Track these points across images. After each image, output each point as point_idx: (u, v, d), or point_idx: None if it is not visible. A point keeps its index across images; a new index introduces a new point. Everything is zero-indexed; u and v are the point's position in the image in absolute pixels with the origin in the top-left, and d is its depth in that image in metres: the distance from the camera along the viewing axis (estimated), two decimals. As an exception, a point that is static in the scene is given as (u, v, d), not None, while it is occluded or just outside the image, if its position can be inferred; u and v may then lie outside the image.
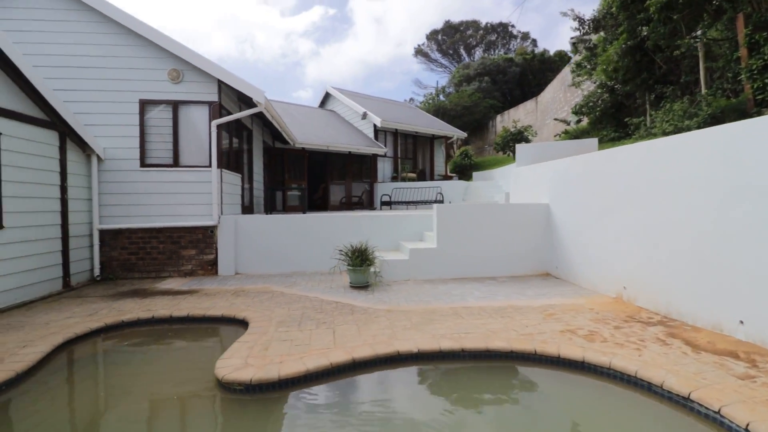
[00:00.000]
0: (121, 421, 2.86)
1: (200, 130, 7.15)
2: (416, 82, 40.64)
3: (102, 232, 6.99)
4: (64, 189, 6.24)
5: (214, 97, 7.12)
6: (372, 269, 6.33)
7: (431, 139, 16.40)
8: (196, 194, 7.12)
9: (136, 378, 3.53)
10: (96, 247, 6.92)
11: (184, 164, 7.15)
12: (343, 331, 4.05)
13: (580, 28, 12.27)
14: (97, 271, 6.93)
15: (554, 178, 6.71)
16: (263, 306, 5.08)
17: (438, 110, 22.60)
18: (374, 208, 13.66)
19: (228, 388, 3.00)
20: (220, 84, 7.14)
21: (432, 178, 16.12)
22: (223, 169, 7.43)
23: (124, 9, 6.76)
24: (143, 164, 7.07)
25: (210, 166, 7.10)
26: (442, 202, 12.32)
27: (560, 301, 5.12)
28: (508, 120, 20.91)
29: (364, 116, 14.70)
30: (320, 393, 3.09)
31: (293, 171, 12.78)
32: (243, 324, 4.50)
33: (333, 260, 6.77)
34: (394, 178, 14.88)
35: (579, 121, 13.57)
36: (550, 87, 18.01)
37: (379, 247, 7.51)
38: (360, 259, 6.02)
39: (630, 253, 4.91)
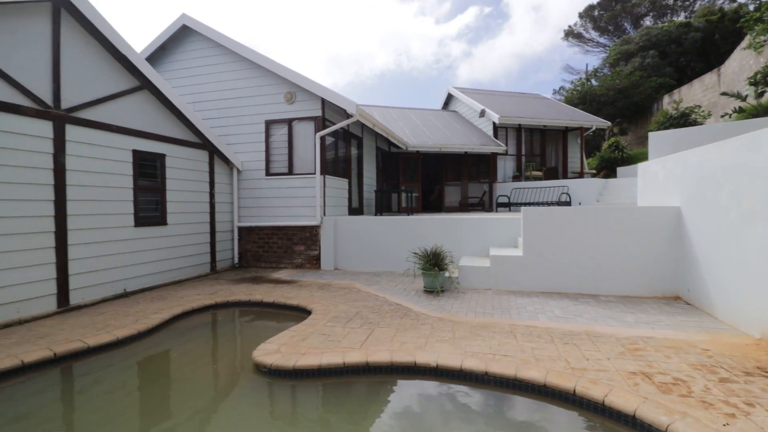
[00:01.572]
0: (185, 368, 3.68)
1: (308, 142, 8.21)
2: (566, 68, 36.15)
3: (239, 229, 8.75)
4: (212, 195, 8.07)
5: (318, 113, 8.07)
6: (447, 274, 6.16)
7: (564, 132, 14.54)
8: (304, 198, 8.22)
9: (209, 341, 4.42)
10: (235, 241, 8.71)
11: (296, 172, 8.32)
12: (380, 333, 4.15)
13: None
14: (236, 260, 8.72)
15: (685, 174, 5.23)
16: (333, 301, 5.57)
17: (584, 98, 19.79)
18: (494, 210, 12.98)
19: (257, 367, 3.50)
20: (323, 101, 8.05)
21: (565, 176, 14.30)
22: (328, 175, 8.34)
23: (254, 48, 8.30)
24: (268, 173, 8.54)
25: (315, 173, 8.07)
26: (568, 203, 10.89)
27: (665, 334, 4.03)
28: (681, 100, 16.80)
29: (482, 114, 14.08)
30: (323, 388, 3.29)
31: (407, 173, 13.22)
32: (308, 314, 5.06)
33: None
34: (515, 178, 13.81)
35: (762, 94, 9.93)
36: (737, 54, 13.69)
37: (468, 252, 7.25)
38: (432, 263, 5.95)
39: (776, 280, 3.51)
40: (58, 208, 5.07)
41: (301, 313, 5.27)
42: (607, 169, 15.91)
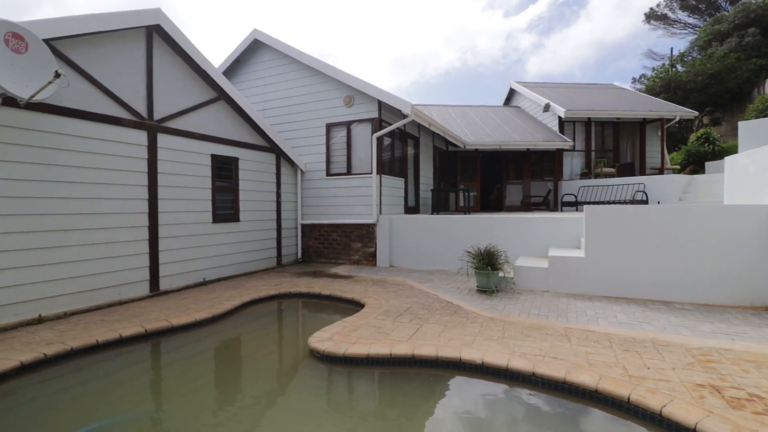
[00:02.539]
0: (250, 348, 4.10)
1: (365, 143, 8.51)
2: (648, 54, 32.46)
3: (303, 226, 9.33)
4: (278, 194, 8.72)
5: (375, 114, 8.33)
6: (502, 274, 6.06)
7: (641, 124, 13.31)
8: (362, 197, 8.53)
9: (272, 327, 4.85)
10: (299, 237, 9.30)
11: (354, 172, 8.67)
12: (428, 329, 4.25)
13: None
14: (299, 255, 9.31)
15: (782, 171, 4.60)
16: (386, 296, 5.76)
17: (667, 85, 17.90)
18: (560, 210, 12.32)
19: (311, 352, 3.80)
20: (380, 102, 8.29)
21: (643, 173, 13.10)
22: (384, 175, 8.57)
23: (319, 54, 8.81)
24: (328, 174, 9.00)
25: (371, 172, 8.35)
26: (645, 202, 10.01)
27: (746, 347, 3.62)
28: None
29: (547, 108, 13.39)
30: (369, 376, 3.48)
31: (466, 172, 13.04)
32: (361, 307, 5.31)
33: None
34: (584, 175, 12.95)
35: None
36: None
37: (526, 252, 7.04)
38: (485, 262, 5.88)
39: None
40: (151, 206, 5.88)
41: (355, 306, 5.54)
42: (695, 165, 14.27)
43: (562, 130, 13.14)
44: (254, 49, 9.80)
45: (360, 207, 8.56)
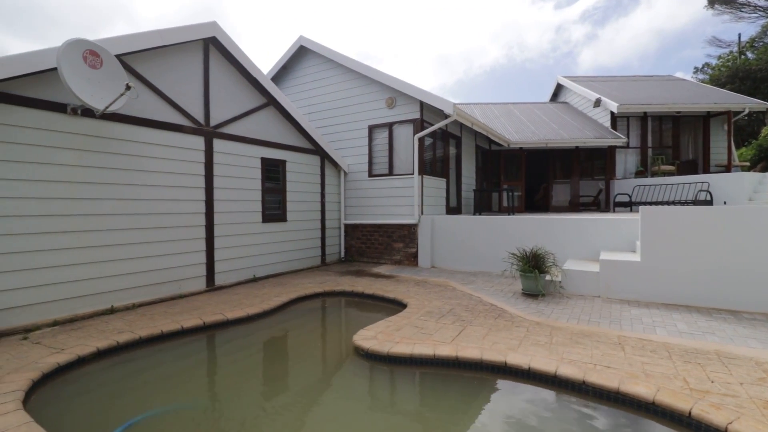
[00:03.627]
0: (298, 343, 4.28)
1: (407, 144, 8.55)
2: (712, 42, 29.60)
3: (346, 226, 9.54)
4: (323, 195, 8.98)
5: (417, 115, 8.35)
6: (549, 278, 5.87)
7: (705, 118, 12.28)
8: (403, 197, 8.59)
9: (317, 324, 5.03)
10: (342, 237, 9.53)
11: (396, 173, 8.74)
12: (472, 331, 4.22)
13: None
14: (342, 254, 9.54)
15: None
16: (428, 296, 5.77)
17: (734, 75, 16.37)
18: (612, 211, 11.69)
19: (356, 350, 3.91)
20: (422, 103, 8.30)
21: (706, 171, 12.10)
22: (426, 175, 8.57)
23: (363, 55, 8.96)
24: (370, 174, 9.14)
25: (413, 173, 8.38)
26: (709, 202, 9.27)
27: (831, 365, 3.27)
28: None
29: (597, 103, 12.72)
30: (412, 375, 3.52)
31: (510, 171, 12.70)
32: (403, 307, 5.36)
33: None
34: (639, 174, 12.16)
35: None
36: None
37: (575, 255, 6.77)
38: (531, 264, 5.73)
39: None
40: (207, 207, 6.29)
41: (397, 306, 5.60)
42: (767, 161, 12.97)
43: (614, 126, 12.44)
44: (300, 55, 10.15)
45: (402, 207, 8.62)
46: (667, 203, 9.86)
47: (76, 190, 4.78)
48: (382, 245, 9.02)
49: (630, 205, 10.83)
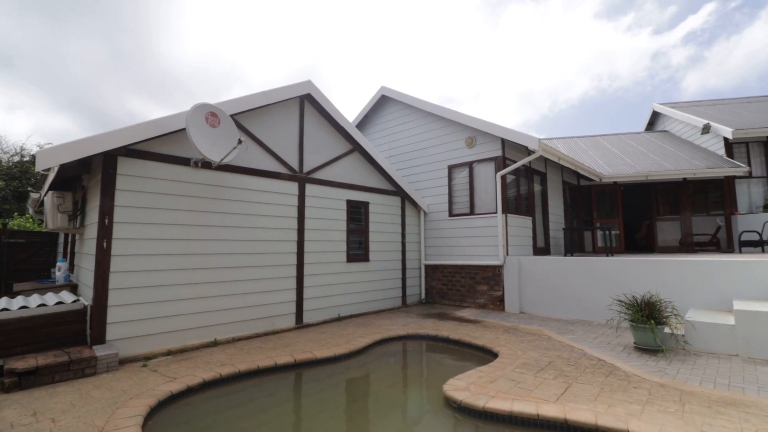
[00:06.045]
0: (383, 387, 4.14)
1: (488, 182, 8.35)
2: None
3: (426, 267, 9.41)
4: (403, 235, 9.05)
5: (498, 153, 8.18)
6: (666, 330, 5.05)
7: None
8: (486, 237, 8.27)
9: (403, 368, 4.83)
10: (422, 278, 9.39)
11: (477, 212, 8.51)
12: (579, 389, 3.72)
13: None
14: (422, 296, 9.35)
15: None
16: (521, 346, 5.30)
17: None
18: (737, 251, 9.97)
19: (447, 401, 3.66)
20: (503, 140, 8.13)
21: None
22: (509, 214, 8.21)
23: (436, 103, 9.22)
24: (450, 214, 9.03)
25: (496, 212, 8.08)
26: None
27: None
28: None
29: (706, 129, 11.28)
30: (520, 438, 3.15)
31: (603, 208, 11.62)
32: (494, 356, 4.97)
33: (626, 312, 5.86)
34: (769, 207, 10.30)
35: None
36: None
37: (697, 304, 5.81)
38: (644, 314, 5.00)
39: None
40: (299, 247, 6.69)
41: (486, 354, 5.22)
42: None
43: (730, 153, 10.86)
44: (381, 103, 10.77)
45: (485, 248, 8.29)
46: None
47: (191, 232, 5.42)
48: (465, 287, 8.67)
49: (762, 245, 9.14)
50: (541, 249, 9.48)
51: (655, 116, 15.53)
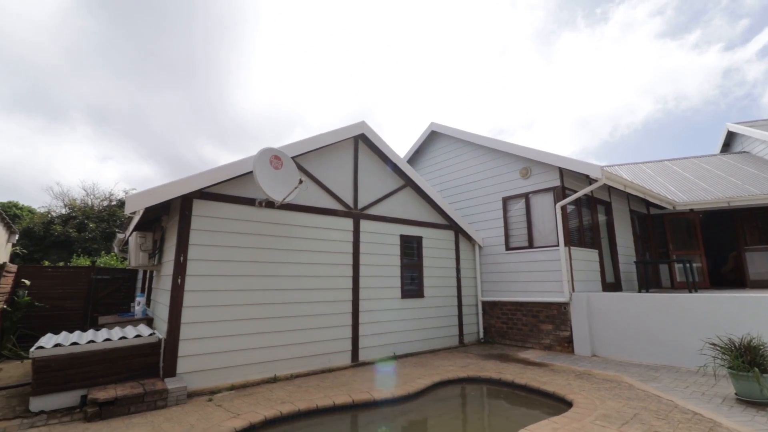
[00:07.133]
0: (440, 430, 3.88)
1: (547, 213, 7.98)
2: None
3: (483, 303, 9.01)
4: (458, 270, 8.81)
5: (557, 183, 7.85)
6: (778, 380, 4.31)
7: None
8: (548, 272, 7.80)
9: (466, 415, 4.50)
10: (480, 315, 8.97)
11: (536, 245, 8.11)
12: (676, 448, 3.23)
13: None
14: (481, 334, 8.89)
15: None
16: (598, 394, 4.78)
17: None
18: None
19: (520, 455, 3.34)
20: (561, 170, 7.82)
21: None
22: (573, 247, 7.72)
23: (487, 135, 9.18)
24: (507, 248, 8.68)
25: (558, 245, 7.64)
26: None
27: None
28: None
29: (800, 150, 10.07)
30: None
31: (679, 239, 10.55)
32: (567, 405, 4.51)
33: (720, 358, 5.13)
34: None
35: None
36: None
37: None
38: (746, 360, 4.33)
39: None
40: (354, 283, 6.73)
41: (557, 402, 4.76)
42: None
43: (834, 174, 9.55)
44: (432, 138, 10.93)
45: (547, 283, 7.80)
46: None
47: (253, 269, 5.67)
48: (527, 326, 8.13)
49: None
50: (611, 285, 8.72)
51: (731, 136, 14.20)
